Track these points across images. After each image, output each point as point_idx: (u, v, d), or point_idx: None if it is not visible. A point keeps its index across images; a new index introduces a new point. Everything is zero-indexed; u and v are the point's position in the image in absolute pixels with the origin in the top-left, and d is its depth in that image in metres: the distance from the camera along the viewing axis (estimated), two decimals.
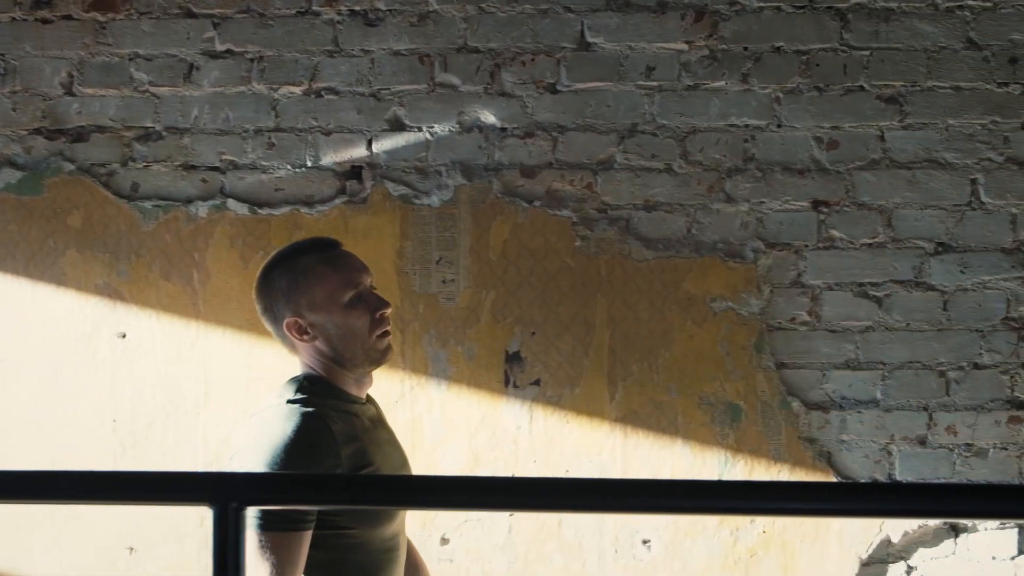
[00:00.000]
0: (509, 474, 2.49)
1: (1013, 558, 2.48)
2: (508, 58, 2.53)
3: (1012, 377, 2.48)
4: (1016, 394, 2.48)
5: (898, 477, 2.48)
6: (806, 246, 2.50)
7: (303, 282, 1.75)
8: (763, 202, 2.51)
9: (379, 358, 1.79)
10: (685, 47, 2.52)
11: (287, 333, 1.76)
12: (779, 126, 2.51)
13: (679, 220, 2.51)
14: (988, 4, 2.50)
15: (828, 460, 2.48)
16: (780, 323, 2.50)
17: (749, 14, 2.51)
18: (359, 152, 2.53)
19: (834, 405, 2.49)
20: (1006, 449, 2.48)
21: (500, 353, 2.50)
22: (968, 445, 2.48)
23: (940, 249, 2.50)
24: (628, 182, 2.52)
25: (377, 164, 2.53)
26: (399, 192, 2.52)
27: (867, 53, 2.51)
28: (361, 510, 1.66)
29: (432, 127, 2.53)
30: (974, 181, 2.50)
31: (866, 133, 2.50)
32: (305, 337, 1.76)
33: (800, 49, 2.51)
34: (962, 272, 2.49)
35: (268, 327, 1.81)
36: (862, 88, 2.51)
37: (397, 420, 2.48)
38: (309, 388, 1.74)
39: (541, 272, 2.51)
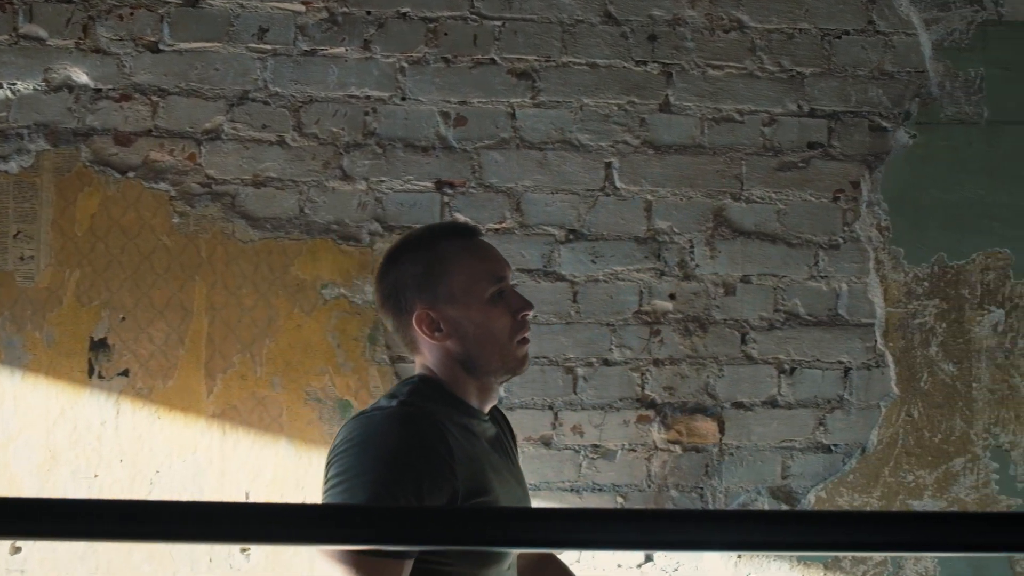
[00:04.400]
0: (91, 474, 2.23)
1: (640, 566, 2.34)
2: (104, 10, 2.26)
3: (642, 374, 2.34)
4: (646, 392, 2.34)
5: None
6: None
7: (440, 270, 1.50)
8: (383, 181, 2.30)
9: (516, 367, 1.54)
10: (302, 8, 2.29)
11: (415, 327, 1.50)
12: (403, 99, 2.31)
13: (291, 198, 2.29)
14: None
15: None
16: None
17: None
18: None
19: None
20: (634, 450, 2.34)
21: (84, 340, 2.23)
22: (595, 446, 2.33)
23: (571, 236, 2.34)
24: (236, 154, 2.28)
25: None
26: None
27: (499, 24, 2.33)
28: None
29: (14, 84, 2.25)
30: (608, 165, 2.35)
31: (496, 110, 2.32)
32: (437, 334, 1.50)
33: (427, 16, 2.32)
34: (593, 262, 2.34)
35: (387, 320, 1.55)
36: (493, 61, 2.33)
37: None
38: (425, 391, 1.49)
39: (133, 251, 2.25)
